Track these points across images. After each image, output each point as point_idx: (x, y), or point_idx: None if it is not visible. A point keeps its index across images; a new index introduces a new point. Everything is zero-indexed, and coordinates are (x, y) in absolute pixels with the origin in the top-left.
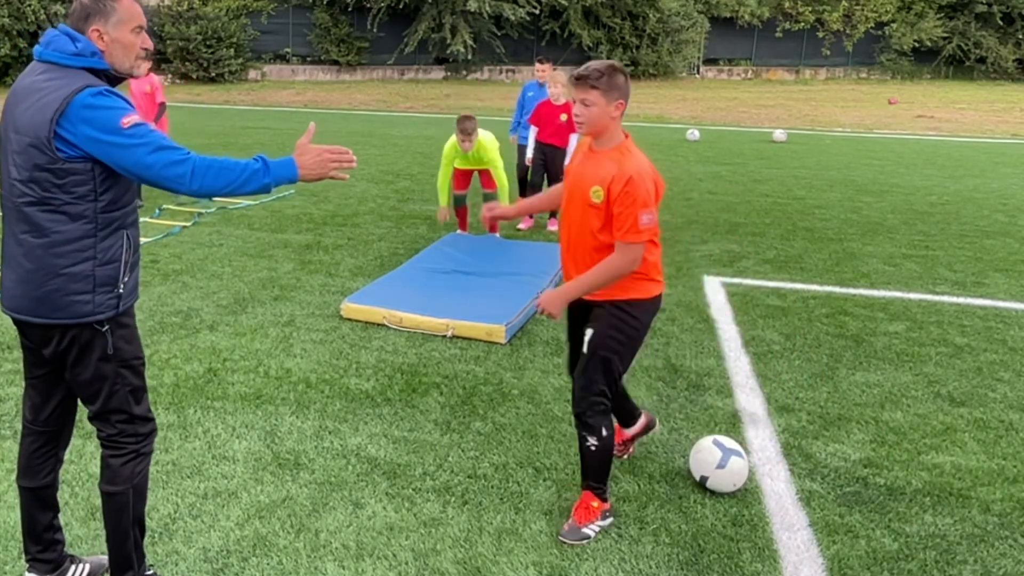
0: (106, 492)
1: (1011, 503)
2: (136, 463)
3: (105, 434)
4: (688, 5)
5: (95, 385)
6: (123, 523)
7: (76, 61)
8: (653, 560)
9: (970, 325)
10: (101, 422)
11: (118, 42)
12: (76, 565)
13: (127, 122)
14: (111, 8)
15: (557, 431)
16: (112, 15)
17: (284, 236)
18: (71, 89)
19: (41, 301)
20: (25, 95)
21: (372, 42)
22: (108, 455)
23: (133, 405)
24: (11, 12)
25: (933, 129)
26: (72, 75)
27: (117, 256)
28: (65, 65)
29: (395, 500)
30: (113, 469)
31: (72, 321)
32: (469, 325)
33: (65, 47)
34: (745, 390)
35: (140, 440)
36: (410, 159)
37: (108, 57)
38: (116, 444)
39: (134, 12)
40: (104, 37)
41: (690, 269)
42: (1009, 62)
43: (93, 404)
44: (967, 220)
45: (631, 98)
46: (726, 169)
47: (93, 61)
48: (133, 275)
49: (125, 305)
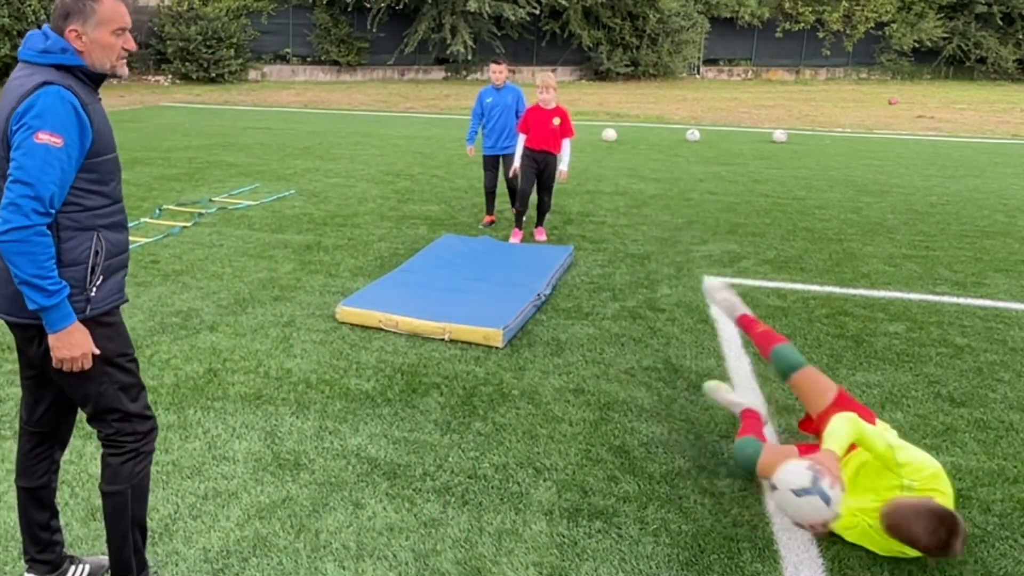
0: (105, 492)
1: (1011, 503)
2: (136, 462)
3: (104, 434)
4: (688, 5)
5: (83, 386)
6: (122, 525)
7: (44, 58)
8: (653, 560)
9: (970, 325)
10: (98, 422)
11: (97, 43)
12: (76, 566)
13: (41, 137)
14: (91, 9)
15: (557, 431)
16: (92, 16)
17: (284, 236)
18: (30, 86)
19: (12, 299)
20: (3, 95)
21: (372, 42)
22: (107, 454)
23: (127, 402)
24: (11, 12)
25: (933, 129)
26: (39, 72)
27: (83, 258)
28: (35, 63)
29: (395, 500)
30: (113, 468)
31: (39, 322)
32: (466, 329)
33: (36, 44)
34: (745, 390)
35: (139, 439)
36: (410, 159)
37: (86, 56)
38: (115, 443)
39: (116, 13)
40: (82, 37)
41: (690, 269)
42: (1009, 62)
43: (85, 405)
44: (967, 220)
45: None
46: (726, 169)
47: (62, 58)
48: (112, 279)
49: (97, 309)
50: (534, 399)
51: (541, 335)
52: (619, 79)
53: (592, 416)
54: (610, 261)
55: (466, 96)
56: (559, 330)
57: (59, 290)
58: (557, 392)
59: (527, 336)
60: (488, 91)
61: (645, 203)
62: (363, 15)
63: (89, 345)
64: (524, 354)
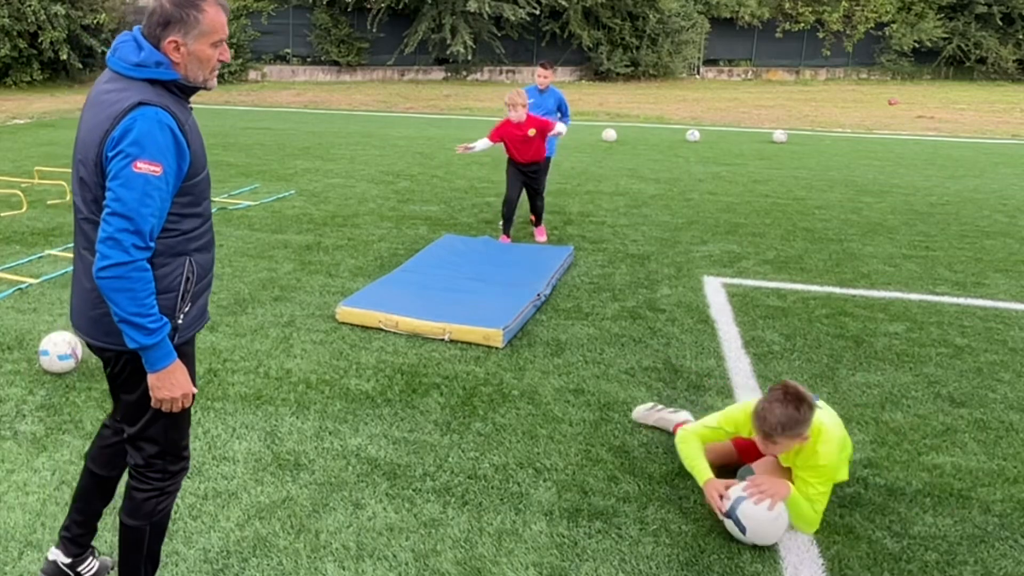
0: (123, 523)
1: (1011, 504)
2: (159, 500)
3: (133, 462)
4: (688, 6)
5: (139, 411)
6: (135, 558)
7: (138, 72)
8: (653, 560)
9: (970, 326)
10: (135, 449)
11: (195, 55)
12: (92, 559)
13: (140, 167)
14: (194, 19)
15: (557, 431)
16: (195, 27)
17: (284, 237)
18: (124, 106)
19: (95, 323)
20: (90, 105)
21: (372, 43)
22: (132, 486)
23: (169, 439)
24: (11, 12)
25: (933, 129)
26: (133, 88)
27: (175, 285)
28: (127, 76)
29: (395, 501)
30: (135, 502)
31: (122, 348)
32: (466, 329)
33: (128, 56)
34: (745, 391)
35: (167, 478)
36: (410, 160)
37: (181, 69)
38: (142, 476)
39: (218, 24)
40: (181, 49)
41: (690, 269)
42: (1009, 63)
43: (131, 426)
44: (967, 220)
45: (631, 98)
46: (726, 169)
47: (157, 72)
48: (197, 303)
49: (184, 337)
50: (534, 399)
51: (541, 335)
52: (619, 79)
53: (592, 416)
54: (610, 261)
55: (466, 96)
56: (559, 330)
57: (160, 327)
58: (557, 392)
59: (527, 336)
60: (531, 91)
61: (645, 203)
62: (363, 15)
63: (189, 385)
64: (524, 354)
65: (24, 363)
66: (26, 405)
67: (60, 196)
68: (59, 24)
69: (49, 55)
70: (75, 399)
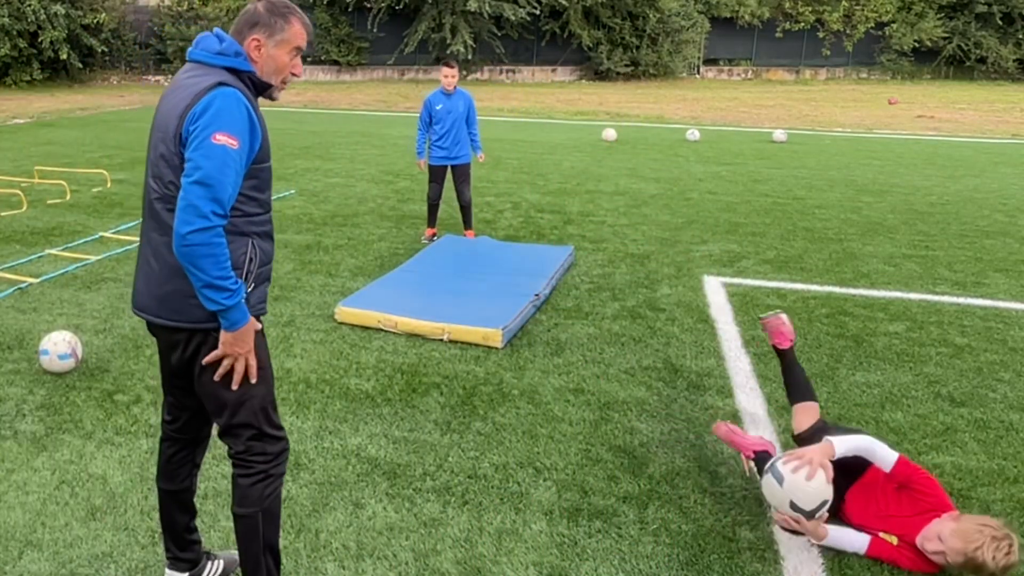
0: (237, 515)
1: (1011, 503)
2: (266, 484)
3: (234, 451)
4: (688, 5)
5: (226, 394)
6: (254, 549)
7: (218, 60)
8: (653, 560)
9: (970, 325)
10: (231, 437)
11: (273, 58)
12: (212, 562)
13: (219, 138)
14: (280, 26)
15: (557, 431)
16: (279, 32)
17: (284, 236)
18: (205, 85)
19: (163, 301)
20: (171, 91)
21: (372, 42)
22: (237, 474)
23: (262, 420)
24: (11, 12)
25: (933, 129)
26: (212, 73)
27: (240, 263)
28: (208, 64)
29: (395, 500)
30: (243, 490)
31: (190, 325)
32: (465, 329)
33: (210, 46)
34: (745, 390)
35: (270, 459)
36: (410, 159)
37: (258, 67)
38: (245, 462)
39: (299, 36)
40: (261, 49)
41: (690, 269)
42: (1009, 62)
43: (220, 417)
44: (967, 220)
45: (631, 97)
46: (726, 169)
47: (236, 61)
48: (260, 288)
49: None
50: (534, 399)
51: (541, 335)
52: (619, 79)
53: (592, 416)
54: (610, 261)
55: None
56: (559, 330)
57: (239, 288)
58: (557, 392)
59: (527, 336)
60: (437, 96)
61: (645, 203)
62: (363, 15)
63: (253, 345)
64: (524, 354)
65: (24, 363)
66: (26, 405)
67: (60, 196)
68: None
69: (49, 55)
70: (75, 399)
